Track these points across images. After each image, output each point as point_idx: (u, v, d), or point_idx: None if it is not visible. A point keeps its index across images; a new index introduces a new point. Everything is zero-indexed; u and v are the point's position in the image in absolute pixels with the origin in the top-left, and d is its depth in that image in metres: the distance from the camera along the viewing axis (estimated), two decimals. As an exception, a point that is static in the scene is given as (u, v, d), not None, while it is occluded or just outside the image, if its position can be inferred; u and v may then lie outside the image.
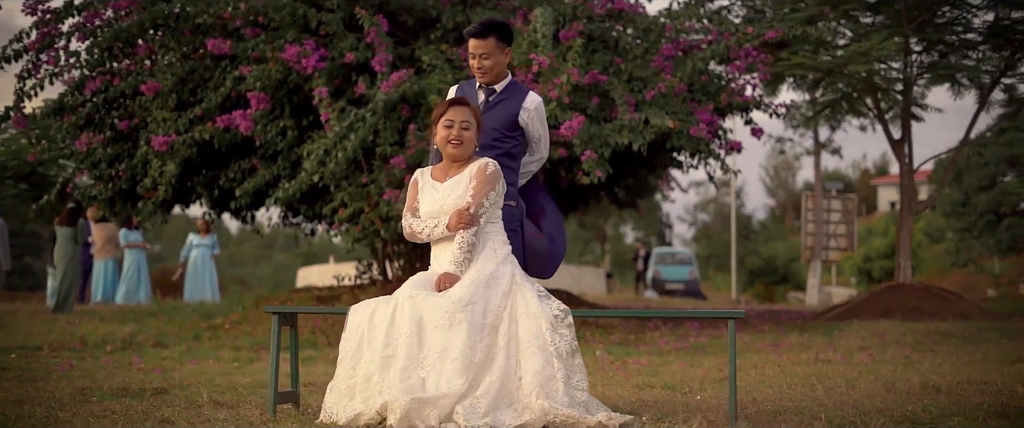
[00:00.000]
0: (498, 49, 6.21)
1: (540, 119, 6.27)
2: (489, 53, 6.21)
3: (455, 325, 5.41)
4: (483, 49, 6.21)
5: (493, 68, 6.23)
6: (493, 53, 6.21)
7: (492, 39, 6.20)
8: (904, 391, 7.60)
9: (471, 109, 5.90)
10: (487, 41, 6.20)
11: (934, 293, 15.88)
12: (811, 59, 14.20)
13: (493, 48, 6.20)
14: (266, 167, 13.01)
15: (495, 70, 6.25)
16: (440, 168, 5.98)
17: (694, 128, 12.10)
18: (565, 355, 5.53)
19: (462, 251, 5.72)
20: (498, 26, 6.25)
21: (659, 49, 12.87)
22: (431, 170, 6.01)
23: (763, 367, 9.86)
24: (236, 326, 13.49)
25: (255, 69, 12.23)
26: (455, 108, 5.87)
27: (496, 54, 6.21)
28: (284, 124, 12.72)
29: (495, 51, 6.21)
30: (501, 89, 6.30)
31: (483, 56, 6.22)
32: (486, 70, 6.25)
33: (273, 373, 6.06)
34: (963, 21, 16.26)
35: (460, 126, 5.82)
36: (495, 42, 6.20)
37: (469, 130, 5.84)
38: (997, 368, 9.36)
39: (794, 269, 40.50)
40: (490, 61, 6.22)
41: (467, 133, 5.83)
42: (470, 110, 5.89)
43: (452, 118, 5.84)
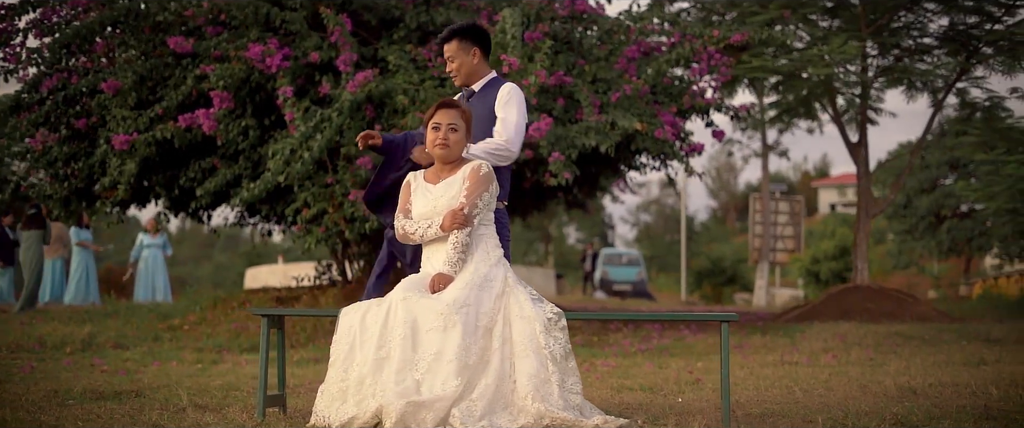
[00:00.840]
0: (462, 50, 6.30)
1: (507, 102, 6.22)
2: (454, 56, 6.32)
3: (449, 327, 5.37)
4: (449, 53, 6.34)
5: (461, 69, 6.34)
6: (458, 55, 6.30)
7: (454, 42, 6.30)
8: (880, 394, 7.65)
9: (459, 111, 5.87)
10: (450, 45, 6.32)
11: (890, 295, 16.04)
12: (771, 62, 14.28)
13: (457, 50, 6.30)
14: (227, 167, 12.88)
15: (465, 71, 6.35)
16: (433, 170, 5.96)
17: (659, 130, 12.13)
18: (559, 358, 5.52)
19: (456, 252, 5.70)
20: (460, 28, 6.33)
21: (623, 51, 12.88)
22: (424, 172, 5.99)
23: (732, 369, 9.89)
24: (195, 327, 13.37)
25: (218, 68, 12.10)
26: (442, 111, 5.85)
27: (462, 56, 6.30)
28: (246, 123, 12.60)
29: (459, 53, 6.30)
30: (479, 88, 6.36)
31: (450, 59, 6.35)
32: (456, 73, 6.37)
33: (262, 375, 6.00)
34: (919, 25, 16.43)
35: (447, 128, 5.80)
36: (458, 44, 6.29)
37: (457, 131, 5.82)
38: (965, 370, 9.46)
39: (741, 270, 40.75)
40: (456, 63, 6.33)
41: (454, 135, 5.81)
42: (458, 112, 5.86)
43: (439, 121, 5.82)
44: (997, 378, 8.53)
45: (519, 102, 6.25)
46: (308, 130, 11.58)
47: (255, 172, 12.85)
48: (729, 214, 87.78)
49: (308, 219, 12.43)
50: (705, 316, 6.15)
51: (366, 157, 11.75)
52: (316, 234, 12.42)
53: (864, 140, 16.84)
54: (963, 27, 16.32)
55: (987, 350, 11.54)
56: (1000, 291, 21.34)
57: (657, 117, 12.42)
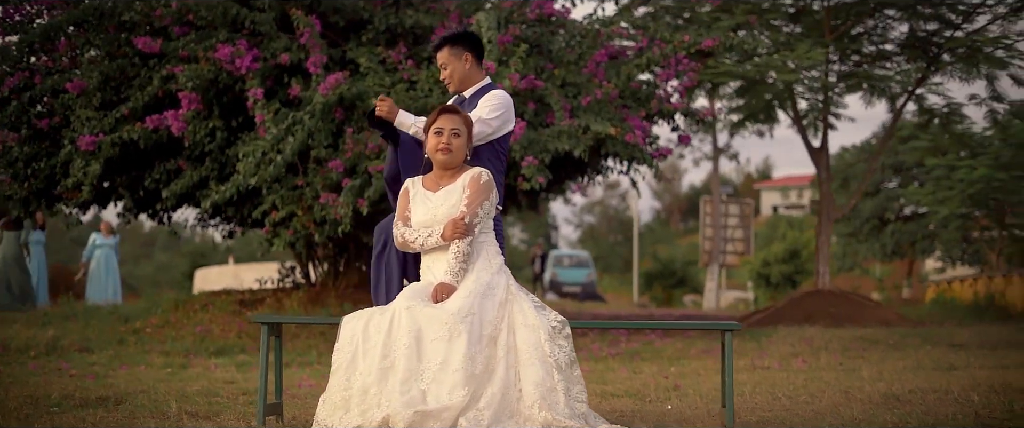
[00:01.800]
0: (454, 57, 6.31)
1: (485, 102, 6.22)
2: (446, 62, 6.34)
3: (455, 337, 5.34)
4: (441, 61, 6.37)
5: (453, 75, 6.34)
6: (450, 62, 6.32)
7: (446, 49, 6.32)
8: (865, 400, 7.70)
9: (462, 116, 5.86)
10: (442, 52, 6.34)
11: (852, 299, 16.19)
12: (737, 67, 14.36)
13: (449, 57, 6.32)
14: (193, 168, 12.76)
15: (458, 77, 6.35)
16: (432, 177, 5.93)
17: (629, 135, 12.15)
18: (564, 366, 5.51)
19: (458, 261, 5.67)
20: (452, 36, 6.36)
21: (592, 55, 12.88)
22: (422, 179, 5.96)
23: (707, 374, 9.93)
24: (159, 331, 13.21)
25: (187, 69, 11.98)
26: (445, 116, 5.83)
27: (454, 62, 6.32)
28: (213, 125, 12.48)
29: (451, 59, 6.32)
30: (471, 94, 6.35)
31: (442, 66, 6.37)
32: (449, 79, 6.37)
33: (262, 384, 5.95)
34: (880, 32, 16.60)
35: (450, 133, 5.79)
36: (450, 51, 6.31)
37: (459, 137, 5.80)
38: (938, 376, 9.53)
39: (691, 272, 40.97)
40: (449, 70, 6.34)
41: (457, 140, 5.80)
42: (461, 118, 5.85)
43: (442, 126, 5.80)
44: (974, 384, 8.61)
45: (496, 103, 6.21)
46: (280, 132, 11.50)
47: (221, 174, 12.73)
48: (673, 216, 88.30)
49: (276, 222, 12.33)
50: (708, 324, 6.16)
51: (337, 160, 11.68)
52: (284, 237, 12.33)
53: (825, 144, 16.98)
54: (923, 34, 16.50)
55: (953, 355, 11.67)
56: (953, 295, 21.58)
57: (626, 121, 12.45)
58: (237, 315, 13.55)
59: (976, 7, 16.12)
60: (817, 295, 16.40)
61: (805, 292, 17.12)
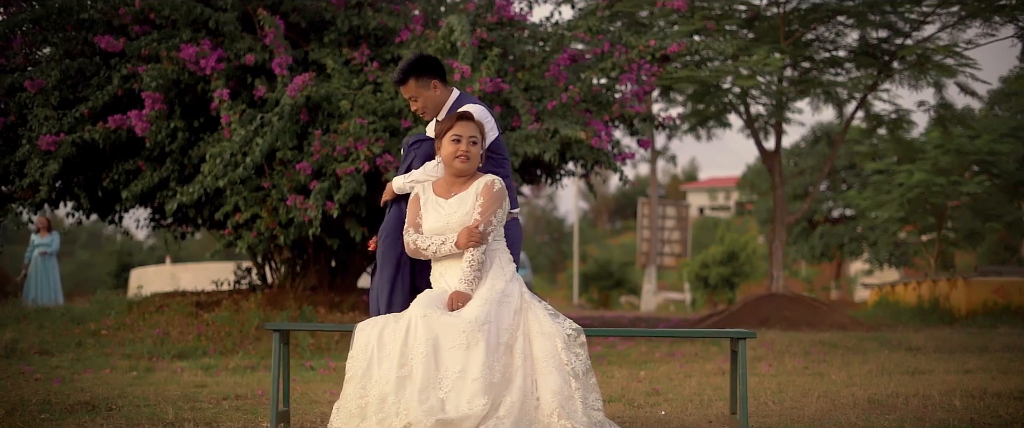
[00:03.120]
0: (422, 87, 6.18)
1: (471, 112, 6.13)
2: (415, 94, 6.21)
3: (473, 345, 5.33)
4: (409, 93, 6.23)
5: (425, 105, 6.23)
6: (419, 93, 6.20)
7: (412, 81, 6.17)
8: (851, 406, 7.80)
9: (477, 124, 5.84)
10: (408, 85, 6.20)
11: (806, 303, 16.36)
12: (695, 72, 14.47)
13: (416, 89, 6.18)
14: (152, 169, 12.61)
15: (431, 105, 6.25)
16: (443, 184, 5.90)
17: (595, 139, 12.20)
18: (581, 374, 5.51)
19: (472, 269, 5.66)
20: (412, 66, 6.19)
21: (554, 59, 12.91)
22: (433, 185, 5.93)
23: (678, 379, 9.99)
24: (116, 333, 13.02)
25: (151, 68, 11.83)
26: (462, 123, 5.81)
27: (423, 92, 6.19)
28: (175, 125, 12.34)
29: (419, 90, 6.19)
30: (443, 116, 6.23)
31: (412, 99, 6.24)
32: (421, 111, 6.25)
33: (274, 391, 5.89)
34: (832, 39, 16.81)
35: (468, 141, 5.77)
36: (415, 83, 6.17)
37: (476, 144, 5.80)
38: (909, 380, 9.65)
39: (628, 274, 41.16)
40: (420, 102, 6.22)
41: (474, 148, 5.79)
42: (476, 125, 5.84)
43: (459, 133, 5.78)
44: (949, 389, 8.75)
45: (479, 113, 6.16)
46: (248, 134, 11.40)
47: (182, 175, 12.60)
48: (600, 217, 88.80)
49: (239, 223, 12.22)
50: (722, 333, 6.20)
51: (304, 162, 11.61)
52: (247, 239, 12.23)
53: (779, 149, 17.16)
54: (875, 41, 16.74)
55: (913, 359, 11.83)
56: (897, 298, 21.87)
57: (589, 125, 12.49)
58: (194, 317, 13.39)
59: (927, 15, 16.38)
60: (771, 298, 16.56)
61: (759, 296, 17.27)
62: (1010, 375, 10.08)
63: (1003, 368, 10.78)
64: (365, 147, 11.49)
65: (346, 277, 14.52)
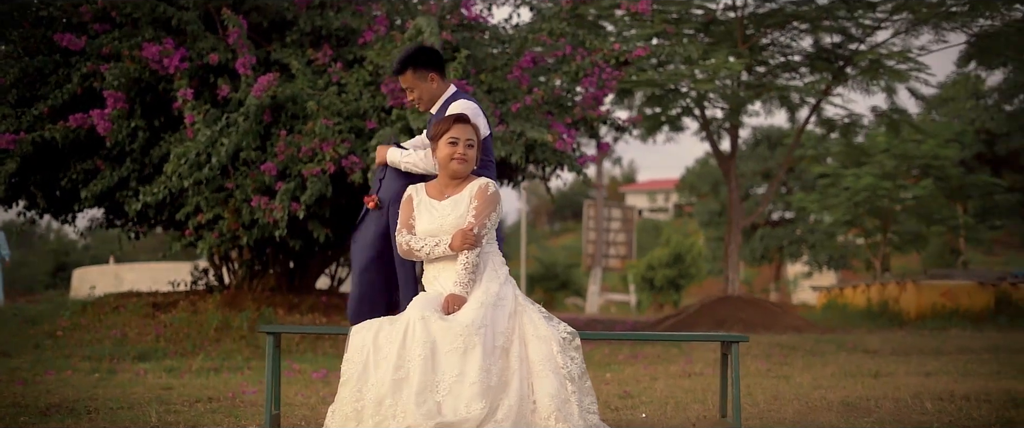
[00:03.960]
0: (419, 78, 6.17)
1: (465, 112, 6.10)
2: (412, 85, 6.20)
3: (470, 349, 5.31)
4: (406, 84, 6.22)
5: (421, 97, 6.22)
6: (416, 84, 6.18)
7: (409, 72, 6.16)
8: (825, 408, 7.86)
9: (473, 126, 5.84)
10: (406, 75, 6.19)
11: (761, 305, 16.50)
12: (655, 76, 14.55)
13: (413, 80, 6.17)
14: (111, 168, 12.48)
15: (427, 97, 6.24)
16: (436, 185, 5.89)
17: (560, 142, 12.23)
18: (577, 378, 5.52)
19: (467, 272, 5.65)
20: (410, 57, 6.19)
21: (517, 62, 12.92)
22: (425, 187, 5.91)
23: (645, 381, 10.03)
24: (72, 334, 12.87)
25: (113, 67, 11.71)
26: (459, 126, 5.80)
27: (420, 83, 6.18)
28: (135, 124, 12.22)
29: (416, 82, 6.18)
30: (437, 110, 6.24)
31: (409, 90, 6.23)
32: (417, 102, 6.25)
33: (269, 395, 5.85)
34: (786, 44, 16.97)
35: (465, 144, 5.76)
36: (412, 74, 6.16)
37: (473, 148, 5.79)
38: (873, 383, 9.74)
39: (574, 275, 41.25)
40: (417, 92, 6.21)
41: (471, 151, 5.78)
42: (472, 128, 5.83)
43: (457, 135, 5.77)
44: (916, 391, 8.86)
45: (473, 110, 6.15)
46: (213, 134, 11.31)
47: (142, 175, 12.49)
48: (539, 218, 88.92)
49: (201, 224, 12.13)
50: (713, 336, 6.24)
51: (269, 163, 11.55)
52: (209, 240, 12.13)
53: (734, 153, 17.29)
54: (829, 46, 16.92)
55: (872, 361, 11.97)
56: (846, 301, 22.13)
57: (552, 128, 12.53)
58: (151, 318, 13.28)
59: (881, 21, 16.58)
60: (728, 301, 16.68)
61: (715, 298, 17.40)
62: (971, 377, 10.22)
63: (962, 370, 10.93)
64: (331, 148, 11.45)
65: (305, 278, 14.46)
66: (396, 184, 6.15)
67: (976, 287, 19.47)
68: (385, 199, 6.13)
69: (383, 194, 6.15)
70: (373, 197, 6.16)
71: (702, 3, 16.45)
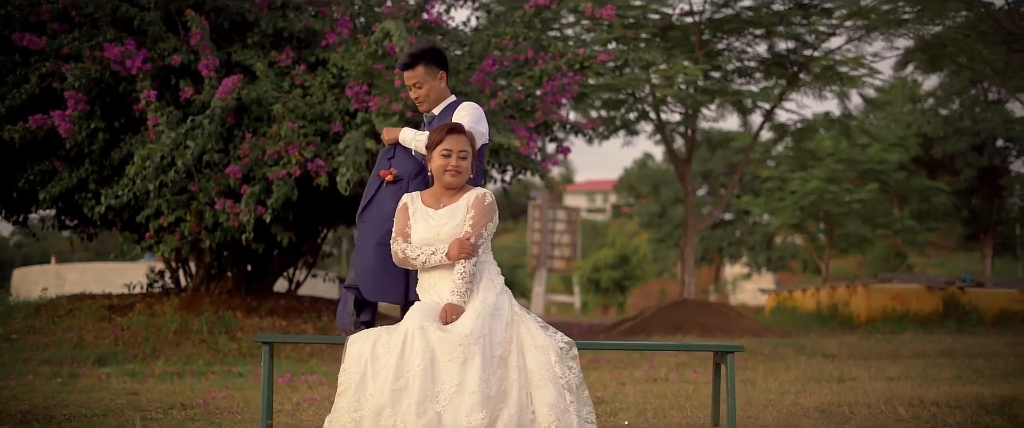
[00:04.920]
0: (430, 75, 6.12)
1: (469, 117, 6.09)
2: (422, 81, 6.12)
3: (469, 359, 5.30)
4: (415, 79, 6.12)
5: (429, 95, 6.15)
6: (426, 80, 6.11)
7: (421, 67, 6.10)
8: (802, 415, 7.94)
9: (467, 137, 5.81)
10: (416, 70, 6.11)
11: (716, 309, 16.60)
12: (614, 80, 14.61)
13: (424, 75, 6.11)
14: (69, 169, 12.32)
15: (433, 96, 6.17)
16: (431, 194, 5.86)
17: (524, 147, 12.24)
18: (575, 387, 5.52)
19: (464, 282, 5.63)
20: (425, 53, 6.14)
21: (479, 65, 12.90)
22: (421, 195, 5.88)
23: (612, 387, 10.06)
24: (27, 337, 12.71)
25: (74, 67, 11.56)
26: (452, 136, 5.77)
27: (430, 81, 6.12)
28: (95, 125, 12.07)
29: (427, 78, 6.11)
30: (440, 112, 6.20)
31: (417, 85, 6.14)
32: (423, 99, 6.16)
33: (265, 405, 5.79)
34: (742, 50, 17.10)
35: (458, 155, 5.73)
36: (425, 69, 6.11)
37: (466, 159, 5.76)
38: (841, 388, 9.84)
39: (517, 276, 41.26)
40: (425, 89, 6.13)
41: (464, 163, 5.75)
42: (467, 138, 5.80)
43: (450, 147, 5.73)
44: (885, 396, 8.95)
45: (478, 115, 6.12)
46: (179, 136, 11.19)
47: (101, 176, 12.34)
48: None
49: (162, 227, 12.00)
50: (709, 346, 6.26)
51: (234, 166, 11.45)
52: (170, 242, 12.01)
53: (690, 157, 17.39)
54: (784, 52, 17.07)
55: (832, 365, 12.09)
56: (795, 304, 22.34)
57: (515, 131, 12.53)
58: (108, 321, 13.13)
59: (835, 27, 16.75)
60: (684, 305, 16.78)
61: (673, 302, 17.48)
62: (935, 383, 10.35)
63: (923, 376, 11.07)
64: (296, 151, 11.37)
65: (263, 281, 14.35)
66: (410, 163, 6.11)
67: (925, 291, 19.73)
68: (404, 174, 6.10)
69: (400, 170, 6.11)
70: (391, 171, 6.11)
71: (658, 8, 16.53)
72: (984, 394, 9.17)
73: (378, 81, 11.89)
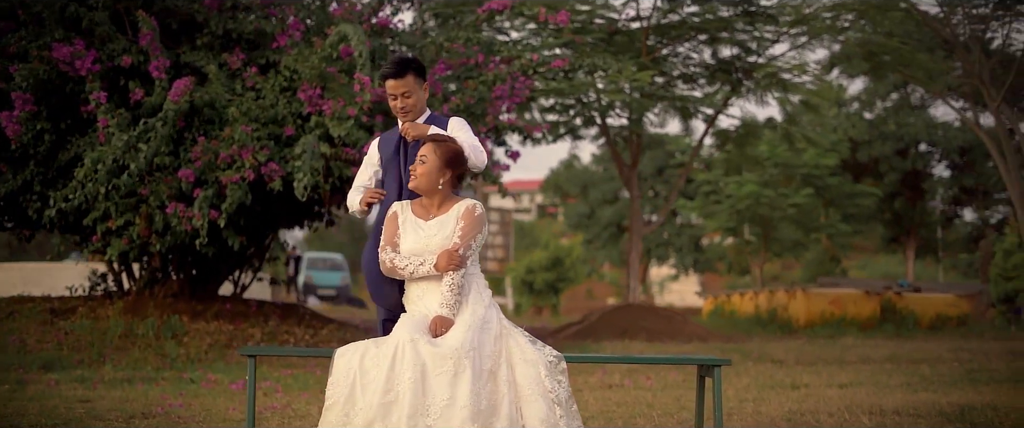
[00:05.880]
0: (418, 85, 5.97)
1: (465, 132, 6.03)
2: (410, 91, 5.94)
3: (460, 373, 5.27)
4: (404, 88, 5.94)
5: (416, 106, 5.99)
6: (414, 90, 5.95)
7: (410, 77, 5.94)
8: (769, 423, 8.02)
9: (430, 146, 5.74)
10: (405, 79, 5.93)
11: (660, 313, 16.69)
12: (564, 85, 14.63)
13: (413, 85, 5.95)
14: (13, 171, 12.10)
15: (418, 107, 6.01)
16: (421, 204, 5.80)
17: (476, 152, 12.18)
18: (564, 402, 5.51)
19: (453, 294, 5.59)
20: (413, 62, 6.01)
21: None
22: (411, 205, 5.83)
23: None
24: (-24, 343, 12.45)
25: (22, 68, 11.34)
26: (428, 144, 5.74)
27: (417, 91, 5.97)
28: (41, 127, 11.85)
29: (416, 88, 5.96)
30: (423, 122, 6.11)
31: (404, 95, 5.95)
32: (409, 109, 5.98)
33: (250, 418, 5.71)
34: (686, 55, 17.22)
35: (419, 160, 5.70)
36: (413, 79, 5.95)
37: (424, 164, 5.69)
38: (797, 395, 9.94)
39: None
40: (412, 99, 5.96)
41: (422, 168, 5.70)
42: (430, 147, 5.74)
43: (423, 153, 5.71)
44: (845, 404, 9.06)
45: (469, 128, 6.10)
46: (131, 139, 11.02)
47: (47, 178, 12.13)
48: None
49: (111, 230, 11.82)
50: (696, 359, 6.27)
51: (187, 169, 11.29)
52: (118, 246, 11.84)
53: (636, 162, 17.46)
54: (729, 58, 17.21)
55: (783, 372, 12.21)
56: (733, 308, 22.52)
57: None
58: (50, 325, 12.90)
59: (780, 34, 16.92)
60: (628, 309, 16.84)
61: (617, 306, 17.54)
62: (888, 390, 10.47)
63: (874, 382, 11.21)
64: (250, 155, 11.25)
65: (208, 285, 14.16)
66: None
67: (862, 296, 20.01)
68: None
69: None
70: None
71: (604, 14, 16.60)
72: (941, 402, 9.31)
73: (331, 84, 11.80)
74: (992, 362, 13.66)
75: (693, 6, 16.52)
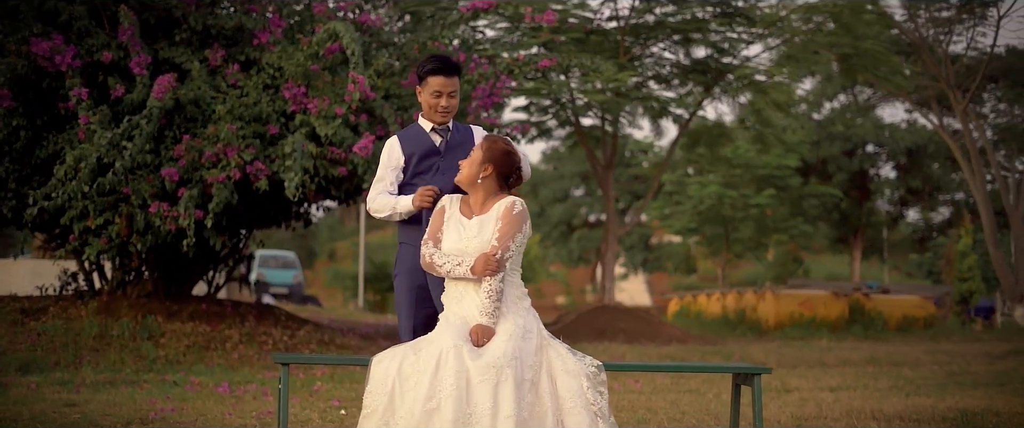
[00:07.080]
0: (458, 88, 5.87)
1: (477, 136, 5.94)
2: (456, 91, 5.83)
3: (503, 382, 5.16)
4: (452, 87, 5.81)
5: (455, 108, 5.88)
6: (458, 91, 5.85)
7: (456, 78, 5.83)
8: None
9: (481, 141, 5.65)
10: (453, 79, 5.80)
11: (637, 315, 16.66)
12: (544, 85, 14.56)
13: (458, 86, 5.84)
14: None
15: (454, 110, 5.90)
16: (466, 202, 5.67)
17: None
18: (606, 414, 5.41)
19: (491, 301, 5.44)
20: (459, 65, 5.95)
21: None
22: (460, 201, 5.68)
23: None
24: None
25: (1, 62, 11.08)
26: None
27: (458, 93, 5.87)
28: (17, 123, 11.59)
29: (458, 89, 5.86)
30: (452, 127, 5.99)
31: (451, 94, 5.82)
32: (451, 110, 5.86)
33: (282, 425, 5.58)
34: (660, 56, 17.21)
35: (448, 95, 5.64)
36: (458, 81, 5.85)
37: (470, 156, 5.61)
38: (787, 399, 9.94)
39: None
40: (455, 99, 5.85)
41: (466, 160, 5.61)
42: (480, 142, 5.65)
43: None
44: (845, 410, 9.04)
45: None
46: (115, 137, 10.79)
47: (22, 175, 11.87)
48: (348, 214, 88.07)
49: (90, 229, 11.58)
50: (739, 367, 6.19)
51: (171, 168, 11.08)
52: (96, 245, 11.60)
53: (612, 163, 17.42)
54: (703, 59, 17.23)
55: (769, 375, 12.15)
56: (699, 308, 22.55)
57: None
58: (21, 325, 12.63)
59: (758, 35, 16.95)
60: (604, 311, 16.78)
61: (593, 307, 17.48)
62: (879, 394, 10.51)
63: (862, 385, 11.23)
64: (236, 153, 11.06)
65: (182, 284, 13.93)
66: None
67: (831, 297, 20.13)
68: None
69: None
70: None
71: (578, 13, 16.55)
72: (938, 406, 9.33)
73: (316, 82, 11.63)
74: (971, 365, 13.76)
75: (669, 6, 16.51)
